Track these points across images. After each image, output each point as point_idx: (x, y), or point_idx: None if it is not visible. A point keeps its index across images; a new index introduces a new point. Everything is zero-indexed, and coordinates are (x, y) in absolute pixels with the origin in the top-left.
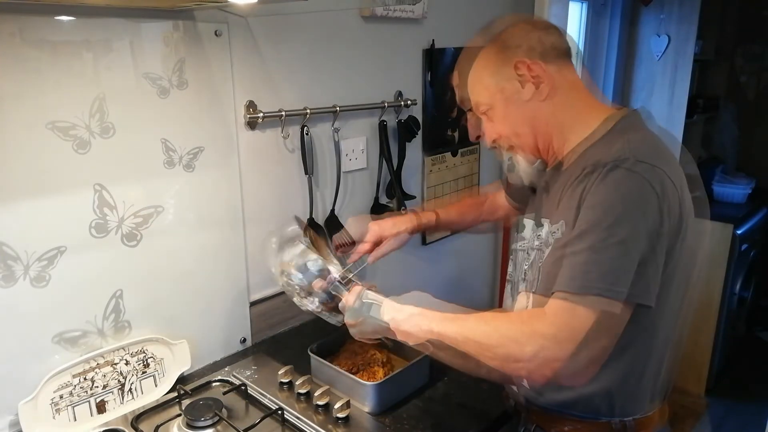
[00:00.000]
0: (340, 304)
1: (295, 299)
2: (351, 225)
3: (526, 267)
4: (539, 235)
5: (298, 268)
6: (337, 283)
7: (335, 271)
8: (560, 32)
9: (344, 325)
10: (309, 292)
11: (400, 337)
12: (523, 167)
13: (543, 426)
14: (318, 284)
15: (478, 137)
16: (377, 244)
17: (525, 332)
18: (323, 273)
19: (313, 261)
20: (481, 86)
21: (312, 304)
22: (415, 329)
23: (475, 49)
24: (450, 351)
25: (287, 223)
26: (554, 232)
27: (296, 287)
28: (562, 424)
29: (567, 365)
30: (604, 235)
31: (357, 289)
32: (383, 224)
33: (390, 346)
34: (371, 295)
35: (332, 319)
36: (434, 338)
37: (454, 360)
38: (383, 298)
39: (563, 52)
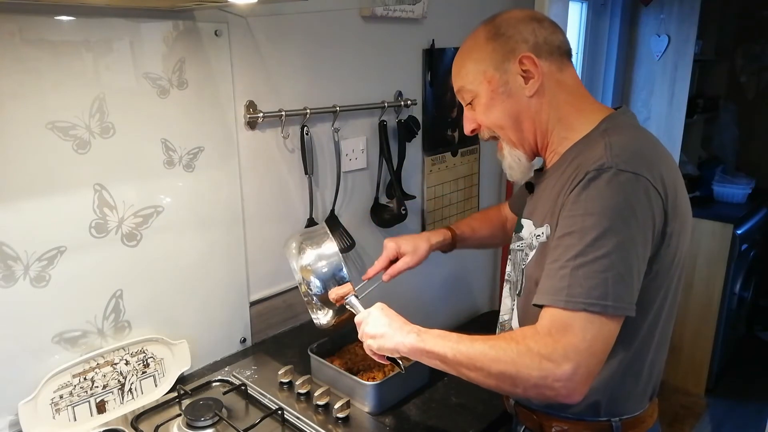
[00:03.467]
0: (356, 318)
1: (310, 311)
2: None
3: (524, 266)
4: (520, 236)
5: (316, 274)
6: (352, 298)
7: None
8: (556, 27)
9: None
10: (324, 302)
11: (416, 357)
12: (515, 163)
13: (539, 426)
14: (334, 295)
15: (474, 130)
16: (393, 261)
17: (521, 351)
18: (342, 278)
19: (332, 263)
20: (465, 71)
21: (325, 318)
22: (431, 345)
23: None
24: (483, 371)
25: (319, 229)
26: (539, 236)
27: (313, 297)
28: (558, 424)
29: (566, 384)
30: (589, 249)
31: (379, 305)
32: (399, 240)
33: (404, 368)
34: (353, 302)
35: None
36: (450, 356)
37: (487, 380)
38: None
39: (557, 49)
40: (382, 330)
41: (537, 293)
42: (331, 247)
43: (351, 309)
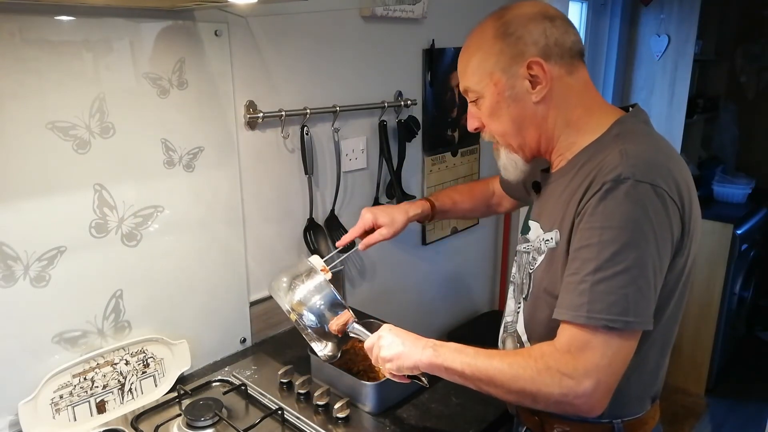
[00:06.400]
0: (366, 345)
1: (305, 337)
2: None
3: (531, 270)
4: (527, 238)
5: (310, 308)
6: (354, 325)
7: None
8: (569, 26)
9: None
10: (321, 335)
11: (435, 372)
12: (511, 165)
13: (540, 428)
14: (334, 326)
15: (477, 128)
16: (369, 230)
17: (540, 369)
18: (337, 310)
19: (325, 299)
20: (471, 71)
21: (325, 349)
22: (450, 362)
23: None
24: (503, 388)
25: (298, 262)
26: (548, 241)
27: (307, 329)
28: (559, 426)
29: (587, 401)
30: (608, 263)
31: (387, 327)
32: (376, 210)
33: (426, 384)
34: (357, 328)
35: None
36: (468, 373)
37: (507, 396)
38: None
39: (568, 50)
40: (398, 350)
41: (556, 307)
42: (319, 279)
43: (356, 336)
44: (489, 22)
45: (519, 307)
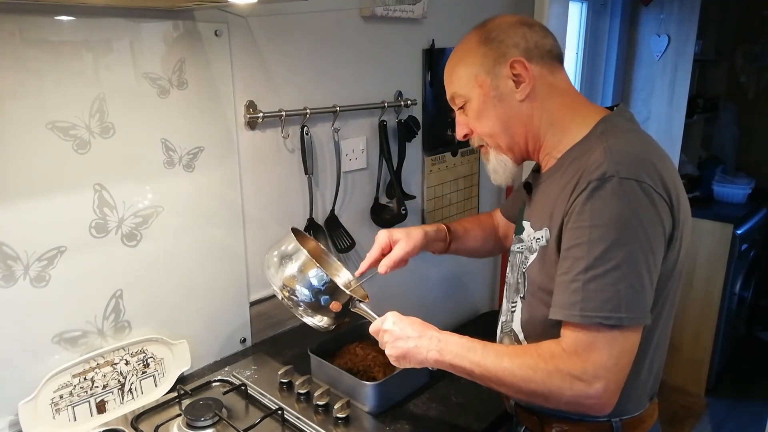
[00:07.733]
0: (371, 329)
1: (296, 313)
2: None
3: (524, 269)
4: (520, 238)
5: (304, 284)
6: (361, 305)
7: (343, 278)
8: (547, 32)
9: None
10: (316, 309)
11: (439, 367)
12: (501, 168)
13: (539, 427)
14: (336, 306)
15: (466, 135)
16: (386, 252)
17: (551, 372)
18: (330, 288)
19: (320, 277)
20: (457, 76)
21: (320, 321)
22: (458, 360)
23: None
24: (513, 388)
25: (286, 237)
26: (539, 239)
27: (301, 304)
28: (558, 425)
29: (598, 402)
30: (598, 261)
31: (391, 318)
32: (393, 230)
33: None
34: (362, 307)
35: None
36: (477, 373)
37: (517, 395)
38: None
39: (548, 53)
40: (404, 348)
41: (551, 306)
42: (306, 256)
43: (363, 315)
44: (472, 33)
45: (514, 307)
